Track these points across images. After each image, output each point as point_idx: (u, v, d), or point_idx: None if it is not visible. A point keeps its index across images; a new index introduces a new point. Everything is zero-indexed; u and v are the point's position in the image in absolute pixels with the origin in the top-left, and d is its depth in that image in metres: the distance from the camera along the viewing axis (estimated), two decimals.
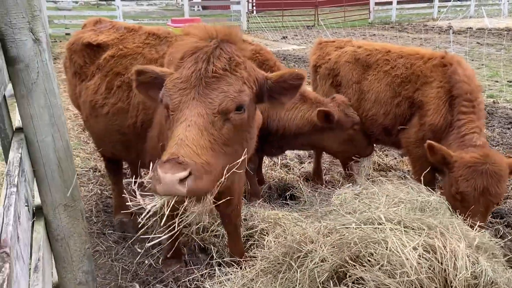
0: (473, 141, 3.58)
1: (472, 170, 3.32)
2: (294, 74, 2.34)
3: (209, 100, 2.08)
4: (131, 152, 3.47)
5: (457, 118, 3.80)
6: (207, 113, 2.06)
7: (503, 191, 3.39)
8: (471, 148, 3.54)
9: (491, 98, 9.20)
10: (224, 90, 2.11)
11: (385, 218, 2.62)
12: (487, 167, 3.30)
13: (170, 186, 1.84)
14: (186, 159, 1.87)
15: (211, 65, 2.12)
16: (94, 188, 4.98)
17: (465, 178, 3.34)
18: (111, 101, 3.35)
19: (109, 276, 3.46)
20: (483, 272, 2.24)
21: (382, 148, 6.35)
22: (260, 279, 2.99)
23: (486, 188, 3.29)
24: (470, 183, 3.31)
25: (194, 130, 1.99)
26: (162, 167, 1.86)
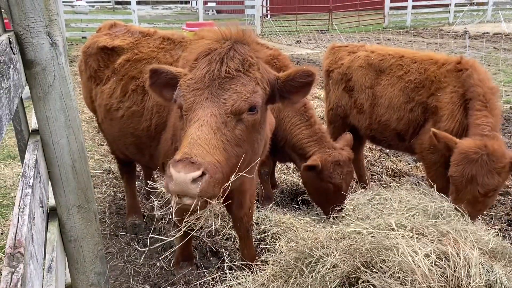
0: (483, 131, 3.52)
1: (464, 156, 3.32)
2: (303, 71, 2.32)
3: (222, 100, 2.09)
4: (144, 154, 3.50)
5: (471, 115, 3.74)
6: (220, 113, 2.07)
7: (493, 183, 3.32)
8: (478, 137, 3.48)
9: (508, 104, 9.04)
10: (237, 91, 2.12)
11: (397, 225, 2.59)
12: (480, 156, 3.26)
13: (183, 185, 1.84)
14: (199, 159, 1.88)
15: (225, 65, 2.13)
16: (108, 190, 5.03)
17: (456, 163, 3.34)
18: (125, 104, 3.39)
19: (121, 277, 3.49)
20: (498, 281, 2.19)
21: (396, 153, 6.30)
22: (271, 283, 2.97)
23: (474, 177, 3.28)
24: (459, 169, 3.31)
25: (207, 129, 1.99)
26: (175, 166, 1.86)
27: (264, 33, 23.49)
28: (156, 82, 2.38)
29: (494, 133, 3.55)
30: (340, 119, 4.99)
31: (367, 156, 6.17)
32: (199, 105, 2.08)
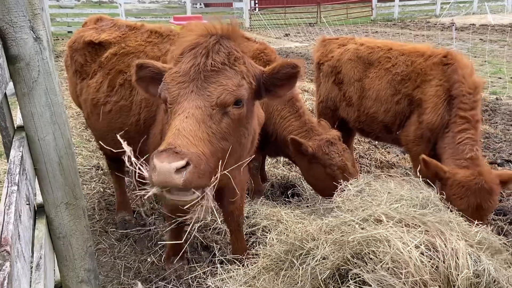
0: (465, 153, 3.63)
1: (466, 189, 3.39)
2: (287, 64, 2.31)
3: (208, 93, 2.07)
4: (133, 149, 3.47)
5: (454, 120, 3.81)
6: (205, 105, 2.05)
7: (495, 204, 3.48)
8: (463, 161, 3.59)
9: (494, 95, 9.16)
10: (222, 84, 2.10)
11: (386, 216, 2.61)
12: (480, 185, 3.36)
13: (167, 175, 1.79)
14: (183, 149, 1.85)
15: (210, 59, 2.12)
16: (97, 186, 4.99)
17: (459, 196, 3.40)
18: (113, 99, 3.36)
19: (111, 273, 3.47)
20: (485, 271, 2.23)
21: (384, 145, 6.35)
22: (262, 276, 2.99)
23: (479, 205, 3.37)
24: (464, 201, 3.37)
25: (192, 121, 1.98)
26: (159, 156, 1.82)
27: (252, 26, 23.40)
28: (142, 77, 2.37)
29: (476, 151, 3.64)
30: (330, 112, 5.01)
31: (356, 148, 6.21)
32: (184, 98, 2.06)
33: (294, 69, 2.30)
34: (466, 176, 3.43)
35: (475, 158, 3.61)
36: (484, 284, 2.18)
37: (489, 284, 2.22)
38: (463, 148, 3.67)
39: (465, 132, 3.72)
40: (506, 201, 4.60)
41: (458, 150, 3.68)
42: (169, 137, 1.93)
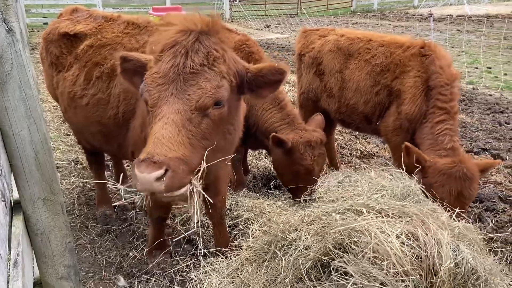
0: (444, 144, 3.69)
1: (447, 176, 3.44)
2: (274, 69, 2.33)
3: (187, 96, 2.08)
4: (112, 143, 3.42)
5: (432, 111, 3.86)
6: (185, 109, 2.06)
7: (475, 192, 3.53)
8: (443, 152, 3.65)
9: (470, 85, 9.34)
10: (201, 87, 2.10)
11: (367, 206, 2.64)
12: (460, 173, 3.41)
13: (148, 185, 1.89)
14: (161, 157, 1.90)
15: (189, 60, 2.11)
16: (76, 181, 4.90)
17: (440, 184, 3.45)
18: (90, 92, 3.29)
19: (92, 269, 3.43)
20: (464, 260, 2.27)
21: (365, 136, 6.42)
22: (245, 268, 3.00)
23: (460, 193, 3.42)
24: (446, 189, 3.42)
25: (171, 127, 2.00)
26: (139, 167, 1.89)
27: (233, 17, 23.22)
28: (126, 69, 2.34)
29: (455, 142, 3.70)
30: (311, 103, 5.02)
31: (337, 139, 6.26)
32: (164, 101, 2.06)
33: (282, 75, 2.32)
34: (447, 164, 3.47)
35: (455, 148, 3.67)
36: (463, 273, 2.23)
37: (467, 273, 2.27)
38: (442, 138, 3.72)
39: (444, 123, 3.78)
40: (482, 188, 4.72)
41: (438, 141, 3.74)
42: (149, 145, 1.97)
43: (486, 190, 4.69)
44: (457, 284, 2.26)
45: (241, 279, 2.89)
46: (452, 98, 3.86)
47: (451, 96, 3.85)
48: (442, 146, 3.70)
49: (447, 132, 3.75)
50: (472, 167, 3.47)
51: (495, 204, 4.36)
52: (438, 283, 2.19)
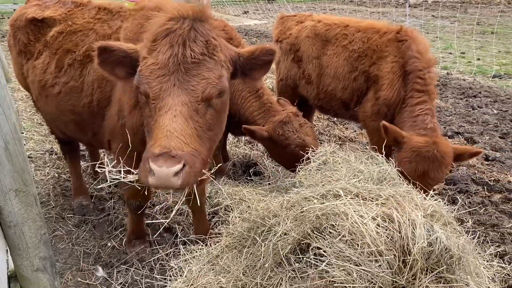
0: (425, 123, 3.71)
1: (416, 154, 3.46)
2: (265, 50, 2.34)
3: (191, 87, 2.04)
4: (87, 132, 3.34)
5: (410, 95, 3.89)
6: (191, 101, 2.03)
7: (443, 176, 3.55)
8: (422, 131, 3.66)
9: (445, 70, 9.52)
10: (205, 77, 2.07)
11: (344, 190, 2.67)
12: (431, 153, 3.44)
13: (165, 179, 1.87)
14: (179, 151, 1.89)
15: (188, 49, 2.05)
16: (51, 172, 4.79)
17: (408, 160, 3.49)
18: (62, 80, 3.19)
19: (70, 260, 3.38)
20: (438, 239, 2.34)
21: (343, 122, 6.48)
22: (225, 254, 3.01)
23: (426, 172, 3.45)
24: (412, 166, 3.46)
25: (181, 120, 1.97)
26: (156, 161, 1.86)
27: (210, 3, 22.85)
28: (106, 60, 2.23)
29: (434, 122, 3.73)
30: (290, 90, 5.02)
31: (316, 125, 6.30)
32: (167, 93, 2.01)
33: (272, 55, 2.34)
34: (420, 142, 3.51)
35: (434, 129, 3.70)
36: (437, 252, 2.29)
37: (441, 252, 2.33)
38: (423, 118, 3.74)
39: (424, 104, 3.80)
40: (456, 171, 4.84)
41: (418, 121, 3.75)
42: (160, 138, 1.93)
43: (459, 172, 4.82)
44: (431, 263, 2.32)
45: (221, 266, 2.90)
46: (430, 82, 3.90)
47: (429, 79, 3.89)
48: (423, 125, 3.71)
49: (428, 112, 3.76)
50: (445, 150, 3.50)
51: (468, 186, 4.49)
52: (411, 262, 2.25)
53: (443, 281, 2.35)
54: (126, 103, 2.81)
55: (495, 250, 3.24)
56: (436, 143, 3.51)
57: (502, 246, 3.42)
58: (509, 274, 2.98)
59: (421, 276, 2.30)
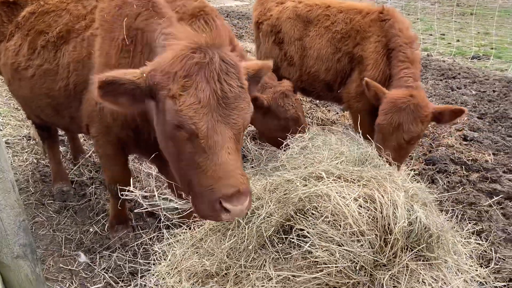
0: (407, 83, 3.72)
1: (392, 105, 3.49)
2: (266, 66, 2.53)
3: (233, 121, 2.10)
4: (64, 116, 3.25)
5: (394, 66, 3.90)
6: (235, 133, 2.12)
7: (417, 130, 3.52)
8: (403, 88, 3.66)
9: (425, 52, 9.60)
10: (243, 108, 2.14)
11: (327, 172, 2.69)
12: (407, 105, 3.46)
13: (239, 215, 2.11)
14: (245, 188, 2.06)
15: (225, 84, 2.08)
16: (29, 157, 4.69)
17: (384, 111, 3.52)
18: (36, 62, 3.08)
19: (51, 246, 3.34)
20: (417, 219, 2.39)
21: (325, 104, 6.49)
22: (209, 238, 3.01)
23: (400, 124, 3.47)
24: (387, 117, 3.49)
25: (234, 156, 2.10)
26: (230, 202, 2.03)
27: None
28: (109, 92, 2.14)
29: (417, 84, 3.75)
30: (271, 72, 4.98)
31: None
32: (214, 131, 2.06)
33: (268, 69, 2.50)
34: (397, 94, 3.54)
35: (416, 87, 3.70)
36: (417, 231, 2.35)
37: (420, 231, 2.39)
38: (406, 79, 3.75)
39: (408, 69, 3.81)
40: (435, 151, 4.93)
41: (401, 81, 3.76)
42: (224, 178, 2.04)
43: (438, 152, 4.91)
44: (411, 242, 2.38)
45: (205, 249, 2.90)
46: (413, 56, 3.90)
47: (411, 55, 3.89)
48: (405, 84, 3.72)
49: (410, 75, 3.77)
50: (422, 104, 3.50)
51: (446, 166, 4.58)
52: (392, 241, 2.29)
53: (423, 259, 2.41)
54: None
55: (472, 228, 3.34)
56: (413, 95, 3.51)
57: (479, 224, 3.53)
58: (486, 251, 3.08)
59: (401, 255, 2.35)
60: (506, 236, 3.39)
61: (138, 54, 2.65)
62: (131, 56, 2.67)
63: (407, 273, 2.34)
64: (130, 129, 2.88)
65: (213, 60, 2.08)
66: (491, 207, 3.82)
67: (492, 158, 4.82)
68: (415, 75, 3.79)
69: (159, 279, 2.83)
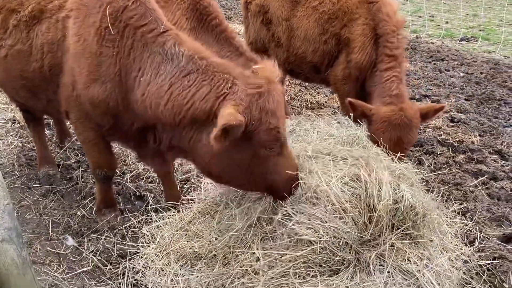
0: (391, 90, 3.79)
1: (387, 123, 3.59)
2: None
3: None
4: (40, 99, 3.18)
5: (381, 59, 3.93)
6: None
7: (415, 137, 3.73)
8: (388, 99, 3.76)
9: (414, 33, 9.59)
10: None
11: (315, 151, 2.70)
12: (400, 120, 3.57)
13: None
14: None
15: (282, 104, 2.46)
16: (14, 141, 4.61)
17: (381, 130, 3.60)
18: (8, 42, 2.99)
19: (38, 230, 3.30)
20: (403, 197, 2.42)
21: (314, 87, 6.47)
22: (197, 220, 3.02)
23: (399, 138, 3.59)
24: (386, 135, 3.58)
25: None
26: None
27: None
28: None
29: (401, 89, 3.80)
30: (259, 54, 4.93)
31: (288, 90, 6.27)
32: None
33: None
34: (388, 111, 3.61)
35: (400, 95, 3.78)
36: (402, 209, 2.37)
37: (406, 209, 2.42)
38: (389, 85, 3.82)
39: (391, 70, 3.86)
40: (422, 133, 4.97)
41: (385, 88, 3.84)
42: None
43: (426, 134, 4.95)
44: (397, 221, 2.41)
45: (194, 231, 2.92)
46: (399, 46, 3.93)
47: (398, 43, 3.91)
48: (388, 93, 3.79)
49: (394, 79, 3.84)
50: (412, 114, 3.62)
51: (433, 147, 4.62)
52: (376, 217, 2.32)
53: (408, 238, 2.45)
54: (81, 75, 2.70)
55: (458, 208, 3.39)
56: (403, 109, 3.62)
57: (465, 204, 3.58)
58: (471, 230, 3.13)
59: (386, 232, 2.38)
60: (490, 215, 3.45)
61: (127, 49, 2.63)
62: (116, 47, 2.64)
63: (393, 251, 2.38)
64: (110, 117, 2.83)
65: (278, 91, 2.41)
66: (476, 187, 3.87)
67: (478, 139, 4.87)
68: (398, 77, 3.86)
69: (148, 261, 2.84)
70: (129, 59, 2.62)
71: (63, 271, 2.91)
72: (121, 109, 2.75)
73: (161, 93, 2.50)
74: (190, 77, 2.45)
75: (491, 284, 2.70)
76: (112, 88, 2.68)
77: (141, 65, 2.60)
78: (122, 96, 2.70)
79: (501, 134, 5.04)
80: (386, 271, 2.31)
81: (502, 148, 4.67)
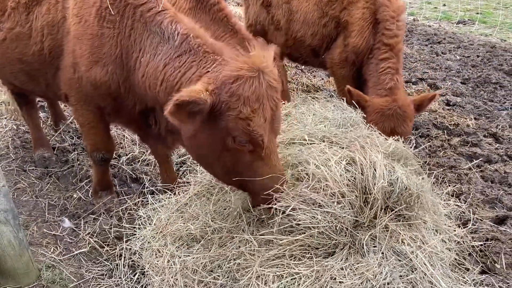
0: (385, 83, 3.81)
1: (381, 115, 3.63)
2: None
3: (276, 129, 2.39)
4: (39, 83, 3.15)
5: (378, 47, 3.91)
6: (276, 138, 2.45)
7: (409, 129, 3.77)
8: (383, 91, 3.79)
9: (411, 16, 9.51)
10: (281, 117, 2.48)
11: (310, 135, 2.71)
12: (393, 111, 3.61)
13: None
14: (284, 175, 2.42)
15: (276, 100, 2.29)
16: (9, 124, 4.58)
17: (375, 122, 3.62)
18: (6, 25, 2.94)
19: (34, 212, 3.31)
20: (398, 179, 2.43)
21: (310, 70, 6.44)
22: (193, 203, 3.02)
23: (393, 129, 3.62)
24: (379, 126, 3.58)
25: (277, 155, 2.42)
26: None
27: None
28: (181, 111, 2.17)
29: (396, 81, 3.81)
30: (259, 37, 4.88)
31: None
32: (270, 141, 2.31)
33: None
34: (382, 103, 3.66)
35: (394, 87, 3.80)
36: (397, 191, 2.39)
37: (401, 191, 2.44)
38: (384, 78, 3.83)
39: (387, 61, 3.85)
40: (418, 116, 4.98)
41: (380, 80, 3.85)
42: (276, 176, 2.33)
43: (421, 117, 4.96)
44: (391, 203, 2.43)
45: (190, 213, 2.93)
46: (398, 33, 3.89)
47: (397, 30, 3.87)
48: (383, 85, 3.82)
49: (389, 70, 3.85)
50: (406, 105, 3.66)
51: (429, 131, 4.64)
52: (371, 200, 2.34)
53: (402, 219, 2.47)
54: (82, 57, 2.67)
55: (452, 190, 3.43)
56: (396, 100, 3.66)
57: (459, 186, 3.62)
58: (464, 212, 3.17)
59: (381, 215, 2.41)
60: (484, 198, 3.49)
61: (127, 29, 2.60)
62: (116, 28, 2.61)
63: (387, 233, 2.41)
64: (111, 99, 2.81)
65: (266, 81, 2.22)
66: (470, 170, 3.91)
67: (473, 122, 4.89)
68: (393, 69, 3.86)
69: (144, 242, 2.86)
70: (130, 40, 2.60)
71: (60, 253, 2.93)
72: (122, 91, 2.74)
73: (157, 74, 2.48)
74: (181, 58, 2.42)
75: (484, 264, 2.75)
76: (113, 70, 2.66)
77: (141, 46, 2.57)
78: (123, 78, 2.69)
79: (496, 117, 5.06)
80: (380, 252, 2.34)
81: (497, 131, 4.69)
